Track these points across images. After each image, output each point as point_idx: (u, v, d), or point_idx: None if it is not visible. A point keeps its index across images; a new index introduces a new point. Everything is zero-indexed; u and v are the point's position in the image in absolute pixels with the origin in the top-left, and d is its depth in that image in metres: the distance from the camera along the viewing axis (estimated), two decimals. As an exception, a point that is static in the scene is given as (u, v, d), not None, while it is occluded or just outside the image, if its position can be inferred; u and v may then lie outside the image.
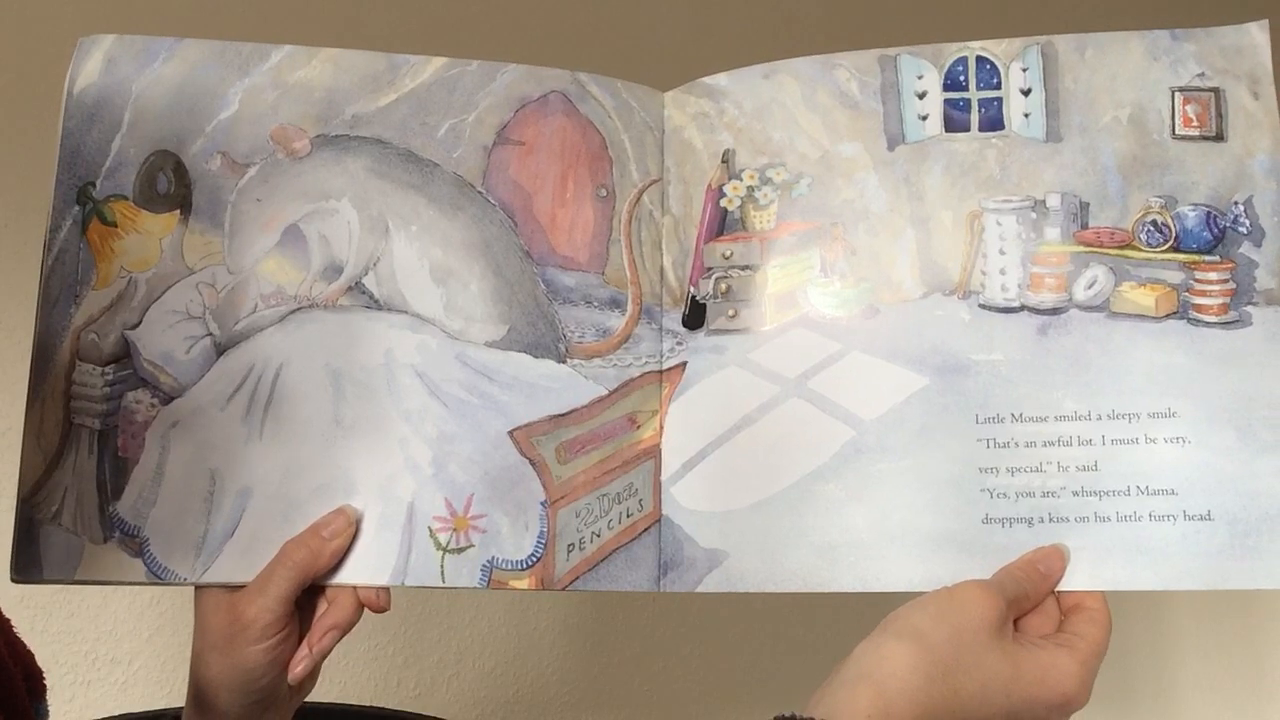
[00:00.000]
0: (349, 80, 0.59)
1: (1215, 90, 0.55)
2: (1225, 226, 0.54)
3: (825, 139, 0.59)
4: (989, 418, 0.54)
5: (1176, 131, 0.55)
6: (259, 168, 0.58)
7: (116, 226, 0.57)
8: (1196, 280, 0.54)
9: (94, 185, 0.57)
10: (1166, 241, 0.55)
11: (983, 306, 0.56)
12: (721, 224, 0.60)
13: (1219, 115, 0.55)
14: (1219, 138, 0.55)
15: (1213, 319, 0.53)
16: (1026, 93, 0.57)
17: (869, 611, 0.49)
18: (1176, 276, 0.54)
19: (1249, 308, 0.53)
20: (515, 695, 1.02)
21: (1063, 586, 0.52)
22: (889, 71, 0.59)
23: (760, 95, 0.60)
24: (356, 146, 0.59)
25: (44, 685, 0.56)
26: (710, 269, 0.60)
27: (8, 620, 0.55)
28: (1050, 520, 0.52)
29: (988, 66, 0.58)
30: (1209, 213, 0.54)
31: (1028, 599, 0.51)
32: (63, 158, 0.57)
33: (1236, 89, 0.55)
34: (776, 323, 0.58)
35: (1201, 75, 0.56)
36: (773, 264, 0.59)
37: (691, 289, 0.60)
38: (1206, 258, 0.54)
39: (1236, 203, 0.54)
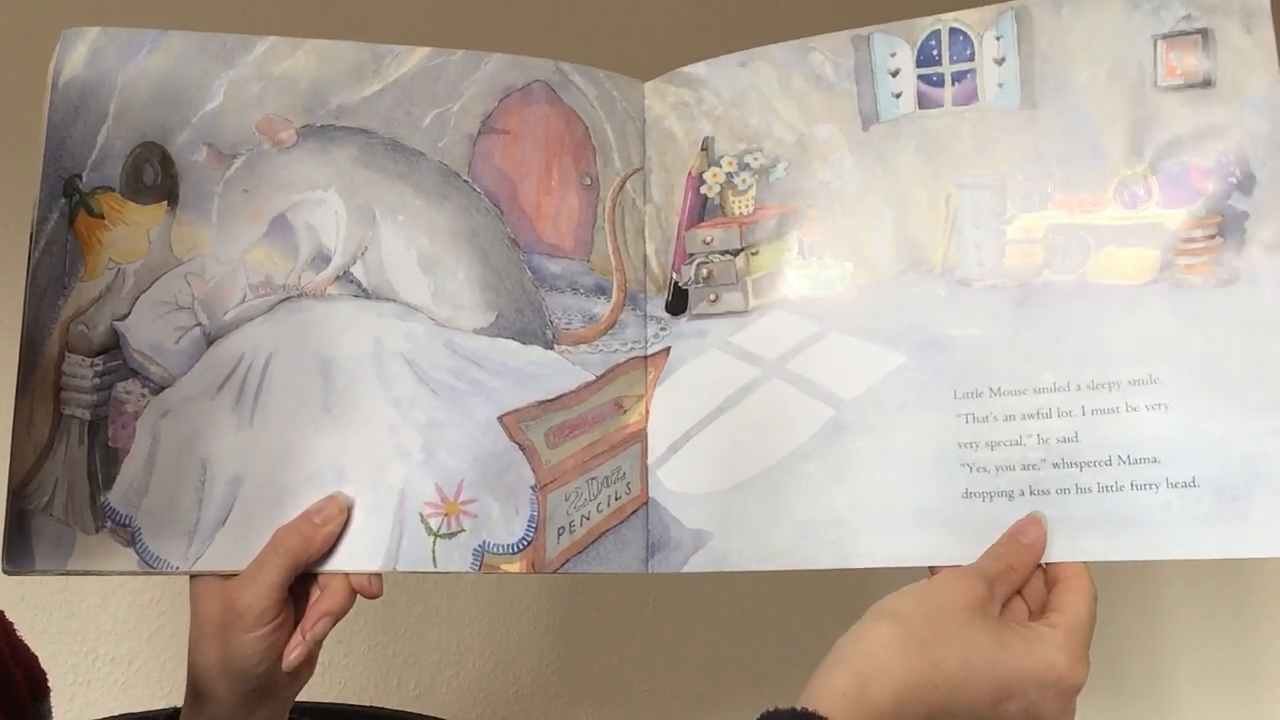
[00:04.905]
0: (333, 71, 0.60)
1: (1203, 31, 0.52)
2: (1211, 178, 0.52)
3: (801, 122, 0.60)
4: (967, 392, 0.54)
5: (1159, 83, 0.53)
6: (245, 158, 0.59)
7: (104, 218, 0.57)
8: (1179, 240, 0.52)
9: (80, 177, 0.57)
10: (1147, 202, 0.53)
11: (959, 282, 0.55)
12: (702, 210, 0.61)
13: (1208, 58, 0.52)
14: (1206, 84, 0.52)
15: (1197, 279, 0.52)
16: (1000, 62, 0.56)
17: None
18: (1158, 238, 0.53)
19: (1238, 263, 0.51)
20: (515, 694, 1.03)
21: (1046, 558, 0.52)
22: (862, 51, 0.59)
23: (737, 83, 0.61)
24: (342, 137, 0.60)
25: (47, 687, 0.56)
26: (692, 255, 0.61)
27: (10, 623, 0.55)
28: (1031, 493, 0.52)
29: (961, 38, 0.57)
30: (1194, 167, 0.52)
31: (1014, 571, 0.51)
32: (48, 150, 0.57)
33: (1227, 25, 0.52)
34: (757, 306, 0.59)
35: (1188, 17, 0.53)
36: (752, 248, 0.60)
37: (674, 275, 0.61)
38: (1190, 214, 0.52)
39: (1225, 151, 0.52)
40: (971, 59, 0.57)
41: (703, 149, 0.61)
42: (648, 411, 0.60)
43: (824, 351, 0.57)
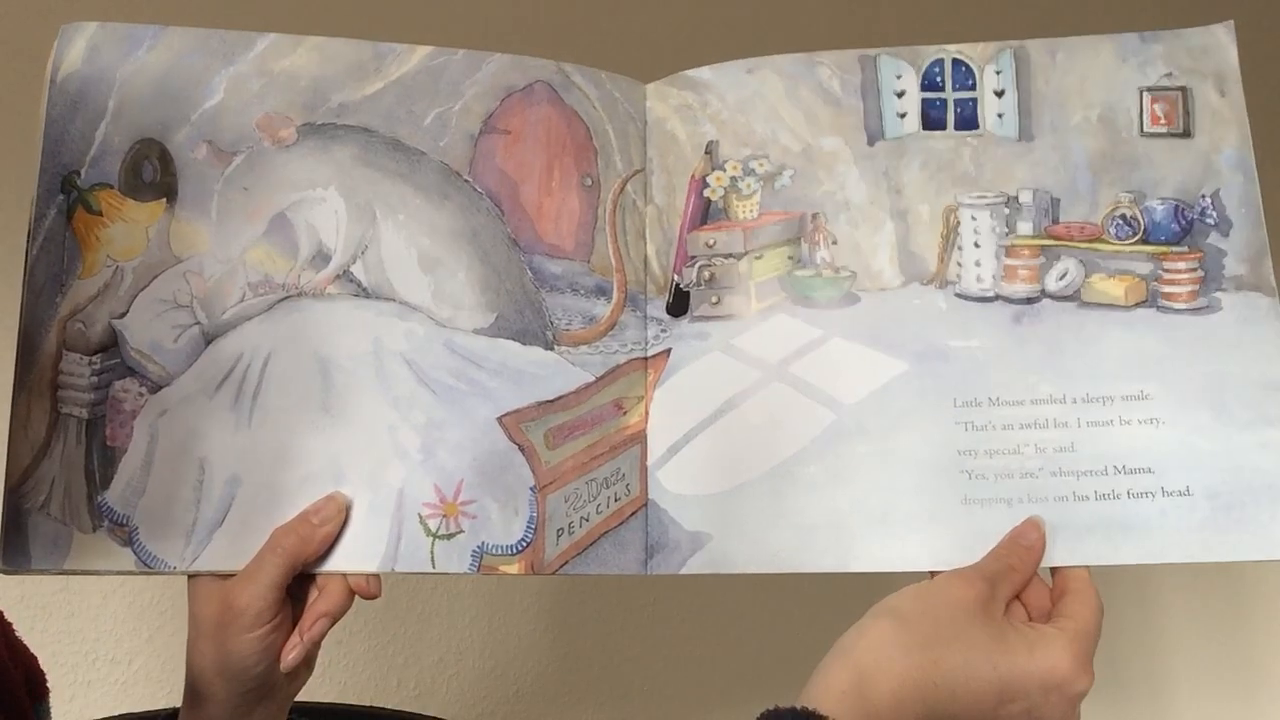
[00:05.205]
0: (334, 69, 0.60)
1: (1183, 89, 0.58)
2: (1193, 219, 0.57)
3: (807, 133, 0.60)
4: (967, 401, 0.56)
5: (1145, 129, 0.58)
6: (245, 156, 0.58)
7: (102, 215, 0.57)
8: (1165, 270, 0.57)
9: (79, 174, 0.56)
10: (1135, 234, 0.57)
11: (959, 296, 0.58)
12: (705, 213, 0.61)
13: (1186, 113, 0.58)
14: (1186, 134, 0.58)
15: (1182, 306, 0.56)
16: (1000, 94, 0.59)
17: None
18: (1145, 267, 0.57)
19: (1218, 294, 0.56)
20: (515, 694, 1.03)
21: (1047, 562, 0.53)
22: (869, 71, 0.61)
23: (743, 89, 0.61)
24: (343, 135, 0.59)
25: (46, 688, 0.55)
26: (694, 257, 0.61)
27: (9, 624, 0.55)
28: (1029, 500, 0.54)
29: (963, 69, 0.60)
30: (1176, 206, 0.57)
31: (1015, 571, 0.51)
32: (47, 146, 0.56)
33: (1203, 87, 0.58)
34: (759, 309, 0.59)
35: (1169, 75, 0.58)
36: (755, 252, 0.60)
37: (675, 277, 0.61)
38: (1174, 248, 0.57)
39: (1204, 195, 0.57)
40: (973, 88, 0.60)
41: (706, 152, 0.61)
42: (648, 413, 0.60)
43: (826, 356, 0.58)
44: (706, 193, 0.61)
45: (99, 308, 0.56)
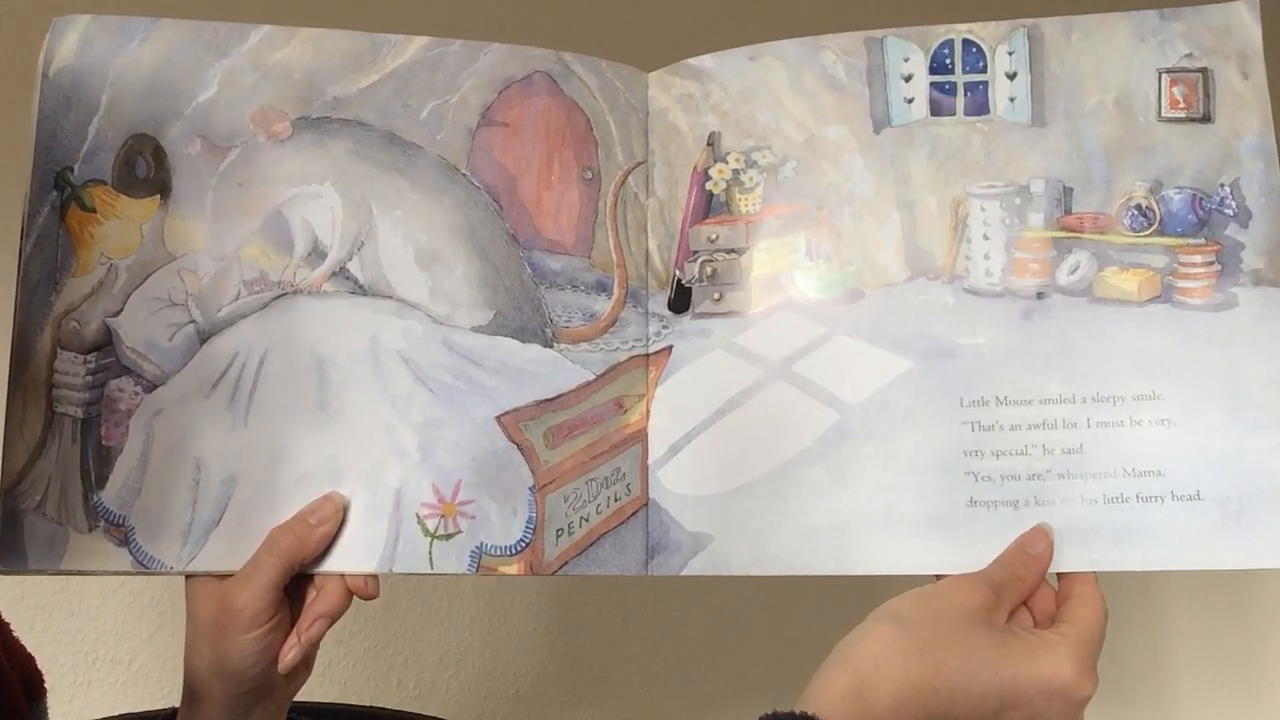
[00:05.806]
0: (329, 61, 0.59)
1: (1203, 71, 0.55)
2: (1211, 209, 0.55)
3: (811, 122, 0.59)
4: (974, 401, 0.54)
5: (1163, 114, 0.56)
6: (239, 151, 0.57)
7: (95, 212, 0.56)
8: (1181, 263, 0.54)
9: (72, 170, 0.56)
10: (1150, 225, 0.55)
11: (967, 291, 0.56)
12: (707, 207, 0.60)
13: (1206, 96, 0.55)
14: (1206, 119, 0.55)
15: (1197, 301, 0.54)
16: (1012, 76, 0.57)
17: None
18: (1160, 260, 0.55)
19: (1235, 289, 0.54)
20: (515, 694, 1.03)
21: (1054, 568, 0.52)
22: (875, 54, 0.58)
23: (746, 77, 0.60)
24: (338, 129, 0.58)
25: (44, 688, 0.55)
26: (696, 252, 0.60)
27: (7, 624, 0.55)
28: (1036, 503, 0.53)
29: (974, 50, 0.58)
30: (1194, 195, 0.55)
31: (1020, 580, 0.51)
32: (39, 142, 0.56)
33: (1225, 69, 0.55)
34: (762, 306, 0.58)
35: (1190, 56, 0.56)
36: (758, 247, 0.59)
37: (677, 272, 0.60)
38: (1191, 240, 0.54)
39: (1223, 185, 0.54)
40: (984, 71, 0.57)
41: (708, 144, 0.60)
42: (648, 411, 0.59)
43: (829, 355, 0.57)
44: (708, 186, 0.60)
45: (93, 306, 0.56)
